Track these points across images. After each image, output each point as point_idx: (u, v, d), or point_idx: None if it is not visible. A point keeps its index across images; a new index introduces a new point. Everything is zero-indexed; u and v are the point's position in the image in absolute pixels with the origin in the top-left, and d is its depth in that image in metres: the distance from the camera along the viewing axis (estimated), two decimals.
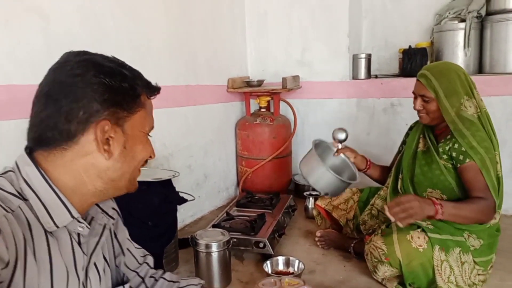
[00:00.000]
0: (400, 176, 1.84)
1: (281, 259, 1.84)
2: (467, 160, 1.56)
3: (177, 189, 1.93)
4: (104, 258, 0.87)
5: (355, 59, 2.89)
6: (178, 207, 1.93)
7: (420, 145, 1.80)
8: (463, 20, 2.61)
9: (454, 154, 1.60)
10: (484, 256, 1.62)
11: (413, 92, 1.73)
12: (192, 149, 2.51)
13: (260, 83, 2.84)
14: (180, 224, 2.22)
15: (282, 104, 2.90)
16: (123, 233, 0.98)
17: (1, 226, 0.62)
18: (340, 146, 2.01)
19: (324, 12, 2.87)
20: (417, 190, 1.73)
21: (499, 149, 1.65)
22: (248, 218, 2.11)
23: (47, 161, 0.73)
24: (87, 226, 0.77)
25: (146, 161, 0.84)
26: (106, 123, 0.72)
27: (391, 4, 3.05)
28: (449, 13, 2.73)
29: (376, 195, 2.00)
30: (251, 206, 2.34)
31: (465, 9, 2.64)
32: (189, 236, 1.87)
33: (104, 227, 0.84)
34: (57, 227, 0.71)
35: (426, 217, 1.51)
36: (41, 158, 0.73)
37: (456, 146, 1.59)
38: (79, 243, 0.77)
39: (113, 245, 0.94)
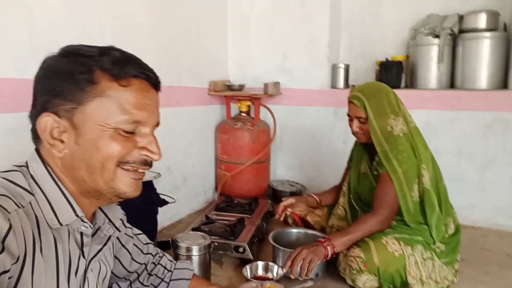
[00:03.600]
0: (350, 196, 1.97)
1: (260, 264, 1.85)
2: (381, 170, 1.71)
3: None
4: (104, 265, 0.87)
5: (334, 68, 2.96)
6: (158, 210, 1.91)
7: (362, 167, 1.92)
8: (437, 36, 2.73)
9: (380, 161, 1.72)
10: (451, 256, 1.72)
11: (348, 115, 1.81)
12: (172, 151, 2.49)
13: (241, 87, 2.86)
14: (158, 227, 2.19)
15: (262, 109, 2.92)
16: (128, 240, 1.00)
17: (12, 221, 0.62)
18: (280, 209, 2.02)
19: (306, 21, 2.93)
20: (370, 206, 1.82)
21: (430, 161, 1.75)
22: (227, 222, 2.12)
23: (49, 156, 0.74)
24: (90, 226, 0.76)
25: (145, 163, 0.76)
26: (47, 116, 0.68)
27: (369, 17, 3.15)
28: (424, 28, 2.84)
29: (332, 216, 2.05)
30: (230, 210, 2.34)
31: (439, 25, 2.76)
32: (169, 239, 1.85)
33: (109, 238, 0.83)
34: (61, 224, 0.71)
35: (325, 257, 1.64)
36: (46, 153, 0.74)
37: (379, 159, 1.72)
38: (82, 246, 0.76)
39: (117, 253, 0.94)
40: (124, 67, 0.68)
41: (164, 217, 2.44)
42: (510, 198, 2.49)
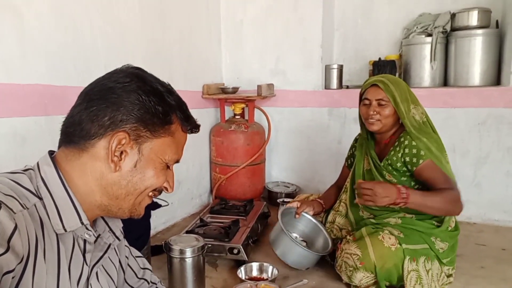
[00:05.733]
0: (356, 192, 1.90)
1: (255, 265, 1.84)
2: (421, 161, 1.65)
3: None
4: (108, 274, 0.87)
5: (327, 69, 2.97)
6: (151, 213, 1.90)
7: (365, 164, 1.90)
8: (429, 35, 2.74)
9: (407, 159, 1.68)
10: (451, 256, 1.71)
11: (366, 98, 1.78)
12: None
13: (235, 90, 2.86)
14: (152, 231, 2.18)
15: (256, 111, 2.92)
16: (124, 251, 0.98)
17: (18, 221, 0.62)
18: (294, 204, 1.98)
19: (298, 23, 2.94)
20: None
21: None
22: (222, 224, 2.11)
23: (67, 160, 0.74)
24: (93, 234, 0.76)
25: (160, 192, 0.82)
26: (125, 136, 0.72)
27: (362, 18, 3.16)
28: (417, 27, 2.85)
29: (333, 212, 2.02)
30: (224, 213, 2.33)
31: (432, 24, 2.77)
32: (162, 243, 1.84)
33: (109, 246, 0.83)
34: (65, 230, 0.71)
35: (393, 204, 1.57)
36: (62, 156, 0.75)
37: (407, 150, 1.68)
38: (84, 252, 0.76)
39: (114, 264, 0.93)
40: (190, 121, 0.82)
41: (159, 221, 2.43)
42: (505, 194, 2.49)
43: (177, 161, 0.82)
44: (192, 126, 0.82)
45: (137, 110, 0.72)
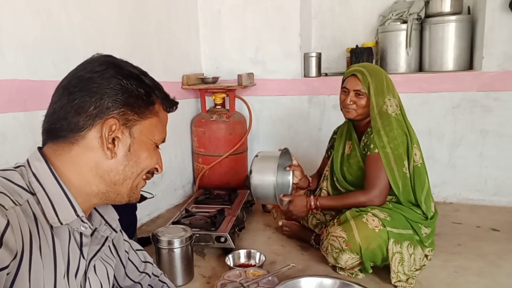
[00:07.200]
0: (335, 178, 2.01)
1: (242, 252, 1.88)
2: (369, 153, 1.77)
3: None
4: (107, 265, 0.87)
5: (306, 58, 2.99)
6: (137, 206, 1.90)
7: (346, 149, 1.97)
8: (405, 22, 2.80)
9: (368, 142, 1.78)
10: (431, 237, 1.80)
11: (345, 87, 1.85)
12: None
13: (215, 80, 2.86)
14: (137, 224, 2.19)
15: (236, 101, 2.93)
16: (124, 246, 0.99)
17: (10, 217, 0.62)
18: (295, 162, 2.02)
19: (277, 12, 2.94)
20: (355, 186, 1.90)
21: (417, 141, 1.83)
22: (207, 214, 2.13)
23: (56, 155, 0.73)
24: (89, 227, 0.76)
25: (152, 174, 0.84)
26: (114, 122, 0.73)
27: (339, 6, 3.19)
28: (392, 15, 2.90)
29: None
30: (209, 203, 2.35)
31: (407, 11, 2.82)
32: (149, 235, 1.85)
33: (106, 239, 0.83)
34: (61, 223, 0.71)
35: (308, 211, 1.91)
36: (51, 152, 0.74)
37: (366, 141, 1.79)
38: (81, 246, 0.76)
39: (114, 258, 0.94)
40: (169, 99, 0.84)
41: (143, 213, 2.43)
42: (479, 174, 2.60)
43: (164, 141, 0.84)
44: (172, 103, 0.84)
45: (121, 95, 0.73)
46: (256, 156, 1.92)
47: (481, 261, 1.85)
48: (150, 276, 1.07)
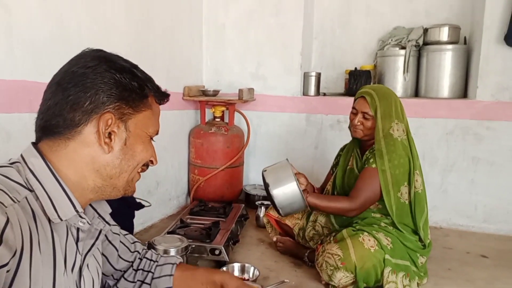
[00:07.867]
0: (335, 192, 2.04)
1: (236, 266, 1.88)
2: (374, 165, 1.79)
3: None
4: (97, 261, 0.88)
5: (306, 76, 3.05)
6: (134, 214, 1.90)
7: (350, 163, 2.01)
8: (403, 48, 2.88)
9: (369, 156, 1.83)
10: (425, 266, 1.86)
11: (355, 108, 1.89)
12: None
13: (216, 93, 2.89)
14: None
15: (236, 114, 2.96)
16: (114, 236, 1.00)
17: (9, 215, 0.62)
18: (295, 171, 1.98)
19: (280, 29, 3.00)
20: None
21: (420, 169, 1.87)
22: (202, 226, 2.13)
23: (52, 151, 0.73)
24: (88, 222, 0.77)
25: (147, 166, 0.84)
26: (110, 116, 0.73)
27: (339, 28, 3.27)
28: (391, 40, 2.99)
29: (314, 211, 2.09)
30: (204, 214, 2.35)
31: (406, 37, 2.91)
32: (146, 243, 1.84)
33: (100, 232, 0.84)
34: (61, 219, 0.71)
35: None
36: (46, 148, 0.74)
37: (374, 153, 1.82)
38: (77, 241, 0.77)
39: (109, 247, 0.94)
40: (160, 91, 0.84)
41: (137, 222, 2.40)
42: (468, 200, 2.65)
43: (157, 133, 0.85)
44: (164, 95, 0.85)
45: (115, 89, 0.74)
46: (265, 171, 1.87)
47: (471, 286, 1.88)
48: (139, 253, 1.08)
